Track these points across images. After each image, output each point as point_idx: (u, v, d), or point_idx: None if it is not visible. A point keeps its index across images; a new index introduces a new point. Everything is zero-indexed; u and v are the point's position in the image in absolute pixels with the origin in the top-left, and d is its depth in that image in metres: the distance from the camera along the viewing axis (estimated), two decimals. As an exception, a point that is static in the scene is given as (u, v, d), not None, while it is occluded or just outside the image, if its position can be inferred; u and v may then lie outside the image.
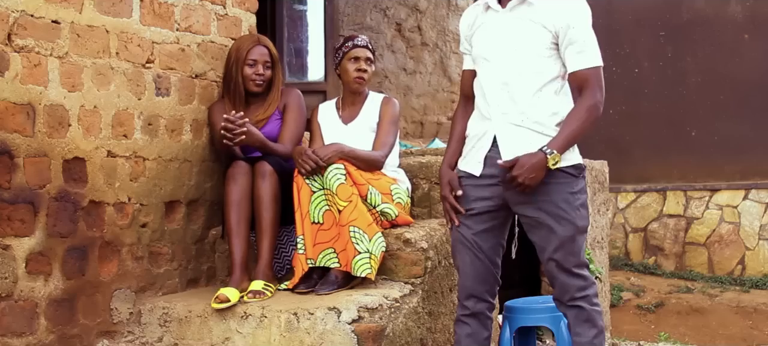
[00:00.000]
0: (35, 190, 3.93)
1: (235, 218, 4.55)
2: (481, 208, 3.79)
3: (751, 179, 10.81)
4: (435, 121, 8.65)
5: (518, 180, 3.57)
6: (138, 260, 4.49)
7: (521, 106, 3.67)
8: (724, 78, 11.00)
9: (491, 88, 3.75)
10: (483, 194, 3.78)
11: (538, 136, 3.65)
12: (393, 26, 8.71)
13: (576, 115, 3.63)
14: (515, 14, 3.72)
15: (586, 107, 3.63)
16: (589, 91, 3.64)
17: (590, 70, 3.65)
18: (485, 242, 3.83)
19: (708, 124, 11.03)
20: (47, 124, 3.97)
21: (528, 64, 3.67)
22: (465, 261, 3.86)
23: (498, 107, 3.72)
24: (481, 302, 3.89)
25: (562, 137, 3.60)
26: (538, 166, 3.57)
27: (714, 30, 11.14)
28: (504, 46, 3.72)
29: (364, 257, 4.35)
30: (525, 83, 3.67)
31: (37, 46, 3.92)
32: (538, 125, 3.66)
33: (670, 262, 11.05)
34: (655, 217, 11.18)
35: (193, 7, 4.76)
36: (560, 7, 3.66)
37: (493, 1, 3.79)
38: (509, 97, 3.69)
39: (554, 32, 3.65)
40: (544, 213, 3.66)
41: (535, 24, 3.67)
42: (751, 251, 10.70)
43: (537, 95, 3.67)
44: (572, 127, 3.61)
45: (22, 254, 3.87)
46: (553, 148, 3.58)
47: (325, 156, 4.44)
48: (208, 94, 4.89)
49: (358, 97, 4.95)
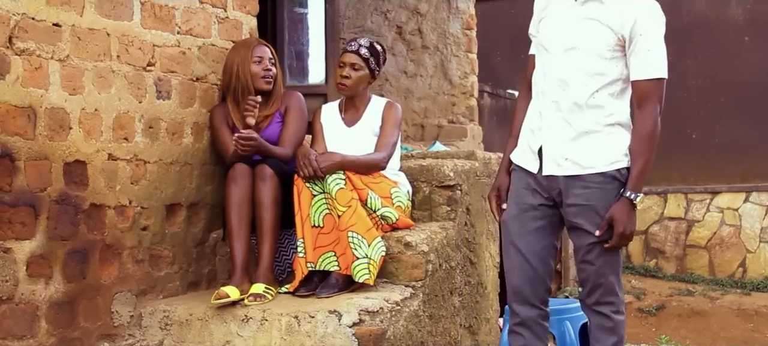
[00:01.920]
0: (36, 193, 3.93)
1: (235, 220, 4.55)
2: (536, 202, 3.69)
3: (751, 182, 10.81)
4: (436, 124, 8.65)
5: (626, 235, 3.50)
6: (139, 263, 4.49)
7: (574, 106, 3.58)
8: (725, 80, 11.00)
9: (548, 83, 3.65)
10: (538, 189, 3.68)
11: (587, 136, 3.57)
12: (394, 29, 8.71)
13: (640, 148, 3.54)
14: (585, 9, 3.60)
15: (649, 135, 3.54)
16: (650, 108, 3.53)
17: (652, 82, 3.53)
18: (537, 242, 3.70)
19: (708, 126, 11.03)
20: (48, 127, 3.97)
21: (587, 65, 3.56)
22: (514, 261, 3.73)
23: (552, 103, 3.62)
24: (533, 308, 3.73)
25: (637, 175, 3.52)
26: (630, 214, 3.50)
27: (714, 32, 11.14)
28: (566, 41, 3.61)
29: (363, 263, 4.35)
30: (582, 85, 3.57)
31: (38, 49, 3.92)
32: (590, 126, 3.57)
33: (671, 264, 11.04)
34: (656, 219, 11.17)
35: (194, 10, 4.76)
36: (633, 11, 3.53)
37: None
38: (564, 95, 3.60)
39: (621, 35, 3.53)
40: (583, 218, 3.59)
41: (603, 25, 3.54)
42: (752, 253, 10.69)
43: (592, 97, 3.56)
44: (643, 161, 3.53)
45: (22, 256, 3.87)
46: (634, 190, 3.51)
47: (323, 167, 4.42)
48: (209, 97, 4.89)
49: (361, 101, 4.95)
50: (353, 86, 4.86)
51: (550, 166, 3.63)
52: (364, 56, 4.86)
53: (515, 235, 3.72)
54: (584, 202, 3.57)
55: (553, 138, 3.62)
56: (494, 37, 10.97)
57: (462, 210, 5.08)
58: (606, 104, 3.58)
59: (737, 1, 11.14)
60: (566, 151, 3.59)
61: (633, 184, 3.52)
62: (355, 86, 4.87)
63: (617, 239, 3.51)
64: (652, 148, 3.55)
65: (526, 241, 3.70)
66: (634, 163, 3.55)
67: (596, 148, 3.57)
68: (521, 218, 3.72)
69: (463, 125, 8.62)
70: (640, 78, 3.55)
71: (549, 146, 3.63)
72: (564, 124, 3.60)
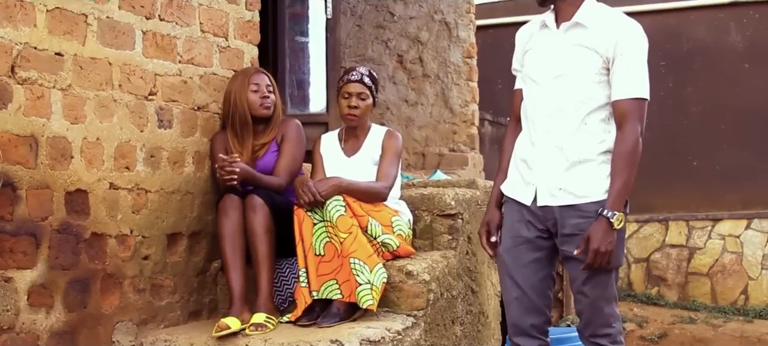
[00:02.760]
0: (37, 222, 3.93)
1: (229, 250, 4.54)
2: (531, 235, 3.69)
3: (753, 209, 10.80)
4: (437, 153, 8.65)
5: (601, 252, 3.47)
6: (140, 293, 4.48)
7: (566, 133, 3.59)
8: (725, 107, 11.02)
9: (538, 113, 3.66)
10: (533, 221, 3.69)
11: (580, 165, 3.58)
12: (394, 58, 8.73)
13: (619, 166, 3.53)
14: (568, 37, 3.63)
15: (628, 153, 3.53)
16: (629, 127, 3.54)
17: (632, 101, 3.55)
18: (533, 275, 3.71)
19: (709, 153, 11.04)
20: (50, 156, 3.97)
21: (577, 90, 3.58)
22: (511, 294, 3.74)
23: (545, 133, 3.63)
24: (533, 339, 3.75)
25: (615, 193, 3.50)
26: (607, 232, 3.47)
27: (714, 60, 11.17)
28: (554, 69, 3.63)
29: (366, 288, 4.33)
30: (573, 111, 3.59)
31: (40, 78, 3.93)
32: (583, 154, 3.58)
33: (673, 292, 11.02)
34: (658, 247, 11.16)
35: (195, 39, 4.78)
36: (615, 33, 3.56)
37: (550, 19, 3.71)
38: (556, 123, 3.61)
39: (606, 57, 3.55)
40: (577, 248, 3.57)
41: (589, 50, 3.57)
42: (754, 280, 10.67)
43: (584, 123, 3.58)
44: (622, 180, 3.52)
45: (23, 286, 3.86)
46: (612, 209, 3.48)
47: (322, 191, 4.42)
48: (210, 126, 4.90)
49: (361, 130, 4.94)
50: (362, 116, 4.86)
51: (545, 197, 3.63)
52: (368, 85, 4.86)
53: (512, 267, 3.73)
54: (578, 231, 3.58)
55: (546, 168, 3.63)
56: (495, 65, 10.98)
57: (463, 239, 5.07)
58: (597, 130, 3.60)
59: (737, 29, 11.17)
60: (560, 181, 3.60)
61: (610, 202, 3.50)
62: (364, 116, 4.87)
63: (591, 255, 3.48)
64: (631, 168, 3.54)
65: (523, 273, 3.71)
66: (613, 182, 3.54)
67: (590, 177, 3.57)
68: (516, 251, 3.72)
69: (464, 153, 8.62)
70: (620, 97, 3.56)
71: (543, 177, 3.64)
72: (557, 153, 3.61)
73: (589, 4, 3.66)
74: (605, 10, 3.68)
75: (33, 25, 3.89)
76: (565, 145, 3.59)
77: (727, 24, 11.18)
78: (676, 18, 11.32)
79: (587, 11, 3.64)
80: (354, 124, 4.89)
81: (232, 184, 4.55)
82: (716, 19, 11.22)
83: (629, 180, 3.54)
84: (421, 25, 8.72)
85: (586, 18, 3.61)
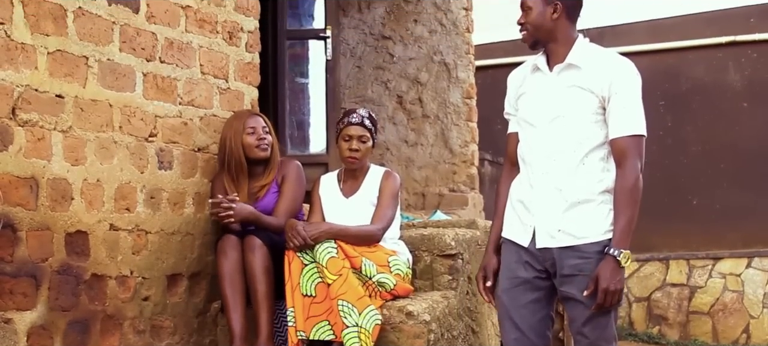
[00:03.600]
0: (37, 263, 3.93)
1: (229, 291, 4.55)
2: (529, 276, 3.68)
3: (753, 247, 10.77)
4: (436, 193, 8.66)
5: (610, 291, 3.45)
6: (140, 334, 4.48)
7: (564, 174, 3.59)
8: (724, 146, 11.02)
9: (536, 155, 3.66)
10: (531, 262, 3.67)
11: (580, 206, 3.58)
12: (394, 98, 8.76)
13: (622, 204, 3.52)
14: (562, 78, 3.64)
15: (630, 190, 3.53)
16: (629, 164, 3.54)
17: (631, 138, 3.56)
18: (532, 315, 3.69)
19: (709, 192, 11.02)
20: (50, 197, 3.99)
21: (574, 131, 3.58)
22: (511, 336, 3.72)
23: (543, 175, 3.63)
24: None
25: (620, 231, 3.49)
26: (616, 271, 3.46)
27: (713, 99, 11.19)
28: (550, 112, 3.63)
29: (353, 332, 4.31)
30: (571, 152, 3.59)
31: (40, 120, 3.95)
32: (582, 195, 3.57)
33: (675, 331, 10.97)
34: (659, 286, 11.12)
35: (195, 81, 4.81)
36: (608, 72, 3.57)
37: (541, 62, 3.72)
38: (554, 164, 3.61)
39: (601, 96, 3.56)
40: (577, 288, 3.56)
41: (583, 90, 3.58)
42: (756, 319, 10.63)
43: (582, 164, 3.58)
44: (626, 217, 3.51)
45: (23, 327, 3.86)
46: (618, 247, 3.47)
47: (313, 236, 4.42)
48: (210, 168, 4.91)
49: (360, 171, 4.94)
50: (363, 158, 4.87)
51: (544, 239, 3.63)
52: (369, 127, 4.87)
53: (510, 309, 3.71)
54: (577, 272, 3.56)
55: (545, 210, 3.63)
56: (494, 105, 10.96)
57: (464, 279, 5.07)
58: (595, 170, 3.60)
59: (735, 68, 11.20)
60: (559, 222, 3.59)
61: (616, 240, 3.50)
62: (364, 158, 4.88)
63: (601, 295, 3.46)
64: (634, 205, 3.54)
65: (522, 314, 3.69)
66: (617, 220, 3.53)
67: (589, 218, 3.57)
68: (515, 292, 3.71)
69: (464, 194, 8.63)
70: (618, 135, 3.57)
71: (541, 218, 3.64)
72: (556, 194, 3.61)
73: (580, 44, 3.68)
74: (597, 49, 3.70)
75: (34, 67, 3.92)
76: (564, 186, 3.59)
77: (726, 63, 11.21)
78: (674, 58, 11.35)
79: (579, 52, 3.65)
80: (355, 167, 4.90)
81: (231, 224, 4.57)
82: (715, 59, 11.25)
83: (633, 217, 3.53)
84: (421, 66, 8.76)
85: (579, 59, 3.63)
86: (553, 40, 3.68)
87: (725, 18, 11.25)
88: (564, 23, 3.67)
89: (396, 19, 8.78)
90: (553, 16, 3.65)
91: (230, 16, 5.07)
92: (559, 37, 3.67)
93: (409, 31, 8.76)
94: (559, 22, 3.66)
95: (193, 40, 4.80)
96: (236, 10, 5.12)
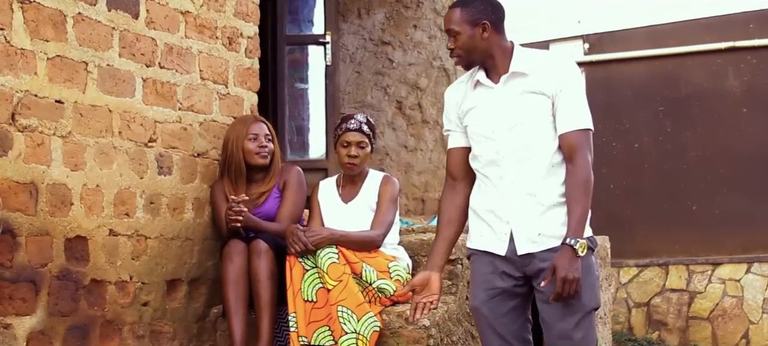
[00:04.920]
0: (37, 268, 3.93)
1: (232, 296, 4.55)
2: (507, 285, 3.68)
3: (753, 253, 10.77)
4: (436, 198, 8.65)
5: (568, 280, 3.45)
6: (139, 339, 4.48)
7: (535, 179, 3.59)
8: (724, 152, 11.02)
9: (500, 165, 3.65)
10: (508, 270, 3.67)
11: (555, 209, 3.58)
12: (393, 104, 8.76)
13: (576, 195, 3.55)
14: (510, 88, 3.64)
15: (583, 182, 3.55)
16: (580, 157, 3.56)
17: (580, 132, 3.59)
18: (513, 323, 3.71)
19: (708, 198, 11.02)
20: (49, 203, 3.99)
21: (535, 136, 3.60)
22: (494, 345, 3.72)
23: (511, 183, 3.62)
24: None
25: (576, 221, 3.51)
26: (573, 260, 3.46)
27: (712, 104, 11.18)
28: (506, 121, 3.62)
29: (351, 338, 4.32)
30: (539, 157, 3.60)
31: (40, 125, 3.95)
32: (556, 197, 3.58)
33: (674, 336, 10.97)
34: (658, 291, 11.12)
35: (195, 86, 4.81)
36: (554, 72, 3.60)
37: (482, 77, 3.71)
38: (523, 172, 3.61)
39: (552, 96, 3.59)
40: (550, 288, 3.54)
41: (536, 95, 3.59)
42: (755, 324, 10.62)
43: (551, 166, 3.60)
44: (580, 208, 3.53)
45: (23, 333, 3.86)
46: (574, 236, 3.49)
47: (314, 242, 4.43)
48: (210, 173, 4.91)
49: (358, 176, 4.95)
50: (361, 164, 4.88)
51: (524, 245, 3.62)
52: (367, 133, 4.88)
53: (491, 319, 3.71)
54: None
55: (521, 217, 3.62)
56: (494, 110, 11.01)
57: (463, 284, 5.07)
58: (562, 171, 3.61)
59: (735, 74, 11.21)
60: (538, 226, 3.60)
61: (573, 231, 3.51)
62: (363, 164, 4.89)
63: (560, 283, 3.45)
64: (587, 195, 3.56)
65: (503, 322, 3.70)
66: (571, 211, 3.54)
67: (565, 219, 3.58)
68: (493, 303, 3.71)
69: (463, 199, 8.62)
70: (567, 130, 3.59)
71: (519, 225, 3.63)
72: (529, 199, 3.61)
73: (519, 52, 3.69)
74: (536, 53, 3.73)
75: (33, 73, 3.92)
76: (538, 191, 3.60)
77: (725, 69, 11.21)
78: (673, 63, 11.35)
79: (521, 59, 3.66)
80: (354, 173, 4.91)
81: (236, 227, 4.59)
82: (714, 65, 11.25)
83: (587, 208, 3.56)
84: (420, 71, 8.75)
85: (523, 65, 3.64)
86: (489, 56, 3.69)
87: (724, 24, 11.25)
88: (495, 38, 3.67)
89: (395, 25, 8.78)
90: (484, 36, 3.65)
91: (230, 21, 5.08)
92: (495, 52, 3.67)
93: (409, 37, 8.77)
94: (491, 38, 3.66)
95: (193, 46, 4.81)
96: (236, 16, 5.13)
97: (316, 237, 4.44)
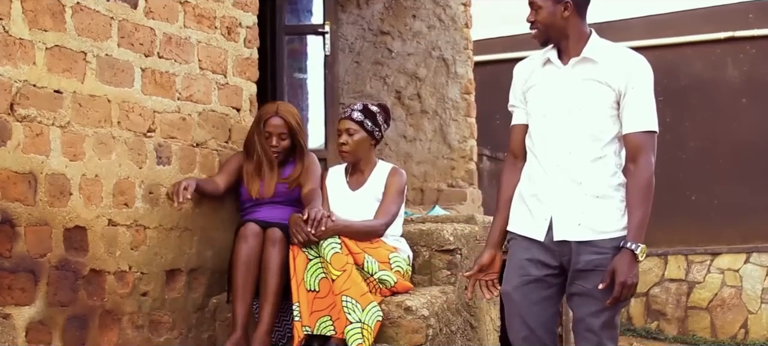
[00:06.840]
0: (36, 259, 3.93)
1: (241, 279, 4.56)
2: (541, 274, 3.64)
3: (752, 243, 10.79)
4: (435, 188, 8.66)
5: (628, 285, 3.45)
6: (138, 329, 4.48)
7: (582, 168, 3.58)
8: (723, 142, 11.03)
9: (550, 147, 3.63)
10: (544, 259, 3.64)
11: (598, 200, 3.56)
12: (393, 94, 8.76)
13: (637, 199, 3.53)
14: (577, 72, 3.62)
15: (645, 186, 3.54)
16: (644, 160, 3.55)
17: (646, 134, 3.57)
18: (543, 313, 3.67)
19: (708, 188, 11.04)
20: (48, 193, 3.99)
21: (591, 124, 3.57)
22: (519, 334, 3.68)
23: (558, 167, 3.61)
24: None
25: (636, 226, 3.51)
26: (632, 265, 3.47)
27: (712, 95, 11.19)
28: (565, 104, 3.61)
29: (356, 328, 4.32)
30: (589, 145, 3.58)
31: (39, 115, 3.94)
32: (602, 189, 3.56)
33: (673, 326, 10.98)
34: (657, 281, 11.14)
35: (194, 76, 4.80)
36: (624, 67, 3.57)
37: (554, 56, 3.69)
38: (571, 158, 3.59)
39: (618, 91, 3.55)
40: (592, 283, 3.54)
41: (600, 84, 3.57)
42: (754, 314, 10.64)
43: (599, 158, 3.58)
44: (641, 212, 3.52)
45: (22, 323, 3.86)
46: (635, 241, 3.48)
47: (318, 233, 4.43)
48: (209, 163, 4.91)
49: (366, 165, 4.96)
50: (353, 151, 4.88)
51: (562, 232, 3.59)
52: (358, 120, 4.87)
53: (521, 306, 3.66)
54: (593, 267, 3.54)
55: (564, 203, 3.59)
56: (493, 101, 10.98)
57: (461, 274, 5.07)
58: (611, 164, 3.59)
59: (734, 64, 11.21)
60: (579, 216, 3.57)
61: (633, 235, 3.50)
62: (355, 151, 4.88)
63: (618, 288, 3.44)
64: (648, 199, 3.55)
65: (533, 312, 3.65)
66: (632, 215, 3.53)
67: (608, 213, 3.55)
68: (526, 289, 3.65)
69: (462, 189, 8.63)
70: (633, 130, 3.57)
71: (560, 211, 3.60)
72: (574, 186, 3.58)
73: (595, 39, 3.66)
74: (612, 45, 3.68)
75: (32, 63, 3.91)
76: (584, 180, 3.57)
77: (724, 59, 11.21)
78: (673, 53, 11.35)
79: (595, 47, 3.63)
80: (347, 160, 4.93)
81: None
82: (713, 55, 11.26)
83: (647, 212, 3.55)
84: (420, 61, 8.76)
85: (595, 53, 3.61)
86: (565, 37, 3.66)
87: (723, 14, 11.25)
88: (575, 20, 3.65)
89: (394, 15, 8.78)
90: (564, 14, 3.62)
91: (229, 11, 5.07)
92: (570, 34, 3.65)
93: (408, 27, 8.76)
94: (571, 19, 3.64)
95: (192, 36, 4.80)
96: (235, 6, 5.12)
97: (320, 229, 4.43)
